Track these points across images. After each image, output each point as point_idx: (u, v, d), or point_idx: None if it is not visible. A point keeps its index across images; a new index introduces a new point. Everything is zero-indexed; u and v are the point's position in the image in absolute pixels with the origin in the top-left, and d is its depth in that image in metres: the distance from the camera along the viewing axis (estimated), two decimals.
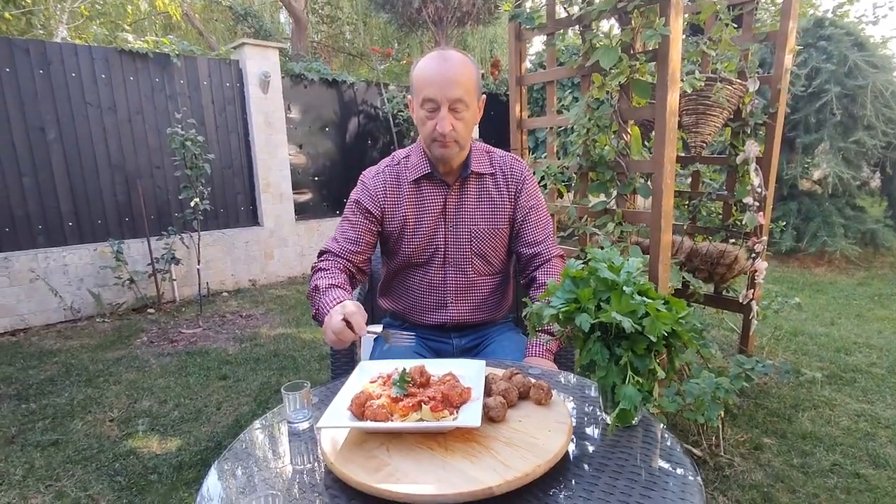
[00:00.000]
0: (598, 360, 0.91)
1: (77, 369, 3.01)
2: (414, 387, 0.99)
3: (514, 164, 1.52)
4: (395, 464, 0.84)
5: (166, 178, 4.47)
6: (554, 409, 0.97)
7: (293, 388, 1.05)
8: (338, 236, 1.47)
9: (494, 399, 0.93)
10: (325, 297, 1.28)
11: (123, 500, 1.87)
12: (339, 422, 0.92)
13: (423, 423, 0.89)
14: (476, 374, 1.03)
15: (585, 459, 0.89)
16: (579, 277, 0.98)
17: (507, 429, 0.91)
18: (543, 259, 1.50)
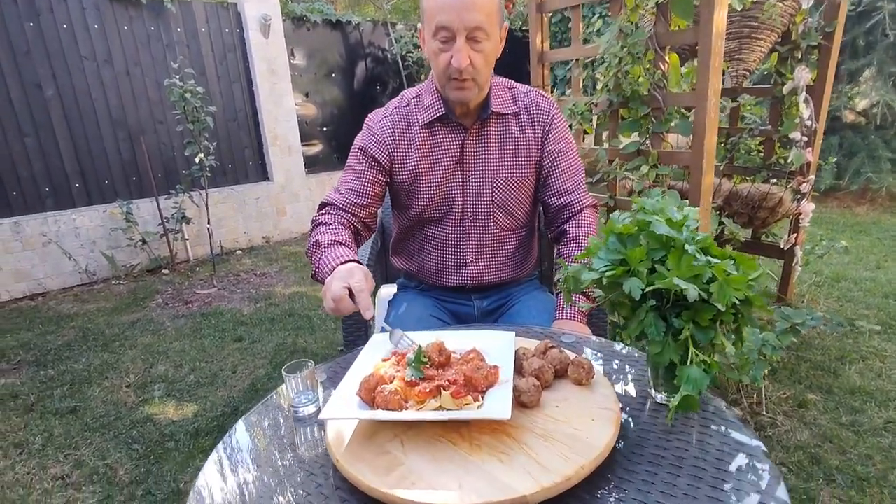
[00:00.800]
0: (652, 333, 0.75)
1: (94, 334, 2.98)
2: (432, 368, 0.86)
3: (540, 100, 1.31)
4: (409, 463, 0.71)
5: (170, 133, 4.30)
6: (597, 390, 0.82)
7: (294, 368, 0.92)
8: (341, 187, 1.31)
9: (527, 381, 0.79)
10: (326, 255, 1.13)
11: (141, 468, 1.84)
12: (345, 411, 0.79)
13: (443, 414, 0.76)
14: (504, 350, 0.89)
15: (636, 450, 0.75)
16: (627, 234, 0.80)
17: (542, 417, 0.77)
18: (574, 210, 1.32)
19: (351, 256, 1.12)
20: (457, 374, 0.82)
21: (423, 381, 0.83)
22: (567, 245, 1.30)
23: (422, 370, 0.85)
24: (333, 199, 1.29)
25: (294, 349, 2.64)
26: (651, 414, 0.84)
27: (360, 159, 1.30)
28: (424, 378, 0.83)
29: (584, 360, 0.84)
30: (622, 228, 0.80)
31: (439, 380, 0.82)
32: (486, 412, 0.74)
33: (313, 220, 1.28)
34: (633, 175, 1.94)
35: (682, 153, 1.91)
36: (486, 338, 0.95)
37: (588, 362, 0.84)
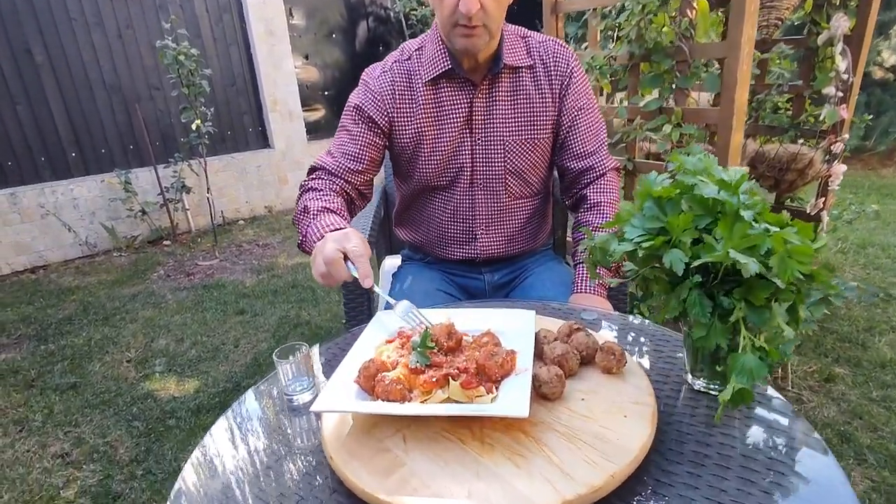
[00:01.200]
0: (697, 314, 0.64)
1: (94, 307, 2.92)
2: (440, 353, 0.75)
3: (559, 51, 1.17)
4: (412, 464, 0.62)
5: (167, 99, 4.15)
6: (629, 380, 0.72)
7: (287, 352, 0.83)
8: (333, 150, 1.17)
9: (548, 370, 0.69)
10: (316, 223, 1.01)
11: (142, 446, 1.79)
12: (339, 403, 0.70)
13: (450, 408, 0.66)
14: (523, 332, 0.78)
15: (674, 447, 0.65)
16: (666, 198, 0.68)
17: (566, 412, 0.67)
18: (596, 174, 1.20)
19: (343, 225, 0.99)
20: (468, 360, 0.72)
21: (429, 369, 0.73)
22: (588, 212, 1.18)
23: (428, 356, 0.75)
24: (325, 163, 1.16)
25: (297, 322, 2.57)
26: (688, 403, 0.74)
27: (355, 119, 1.16)
28: (431, 365, 0.73)
29: (615, 346, 0.73)
30: (661, 191, 0.68)
31: (448, 367, 0.72)
32: (500, 408, 0.64)
33: (302, 185, 1.15)
34: (656, 135, 1.79)
35: (708, 111, 1.76)
36: (502, 317, 0.85)
37: (619, 348, 0.73)
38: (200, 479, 0.68)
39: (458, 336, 0.77)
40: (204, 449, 0.74)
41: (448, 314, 0.87)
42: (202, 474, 0.69)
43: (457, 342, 0.77)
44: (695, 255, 0.64)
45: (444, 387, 0.69)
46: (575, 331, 0.78)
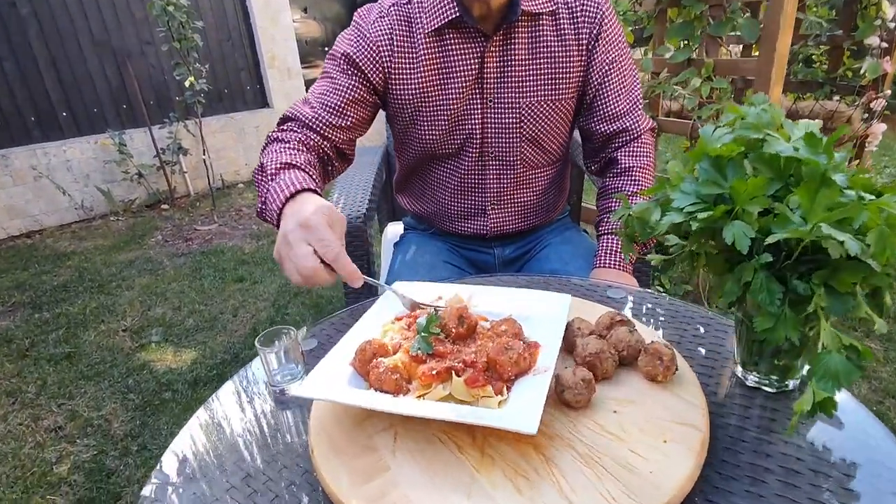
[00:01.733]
0: (764, 301, 0.52)
1: (90, 273, 2.83)
2: (446, 341, 0.64)
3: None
4: (397, 469, 0.52)
5: (159, 55, 3.95)
6: (678, 392, 0.59)
7: (271, 338, 0.72)
8: (313, 100, 0.99)
9: (575, 372, 0.57)
10: (274, 185, 0.80)
11: (137, 420, 1.72)
12: (324, 389, 0.59)
13: (445, 410, 0.54)
14: (553, 319, 0.66)
15: (728, 458, 0.55)
16: (727, 157, 0.55)
17: (592, 426, 0.55)
18: (630, 136, 1.05)
19: (303, 184, 0.79)
20: (478, 352, 0.61)
21: (431, 358, 0.62)
22: (618, 178, 1.05)
23: (432, 343, 0.64)
24: (300, 113, 0.97)
25: (298, 290, 2.47)
26: (740, 402, 0.63)
27: (343, 69, 0.99)
28: (434, 354, 0.62)
29: (664, 347, 0.60)
30: (721, 150, 0.55)
31: (453, 359, 0.61)
32: (503, 417, 0.52)
33: (268, 137, 0.97)
34: (684, 90, 1.63)
35: (744, 62, 1.59)
36: (530, 300, 0.72)
37: (670, 351, 0.60)
38: (176, 470, 0.59)
39: (471, 321, 0.65)
40: (176, 450, 0.64)
41: (469, 292, 0.75)
42: (183, 460, 0.60)
43: (469, 328, 0.65)
44: (763, 229, 0.52)
45: (447, 381, 0.58)
46: (616, 323, 0.65)
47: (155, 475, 0.60)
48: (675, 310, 0.82)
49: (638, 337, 0.63)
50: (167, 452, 0.64)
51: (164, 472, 0.61)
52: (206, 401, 0.74)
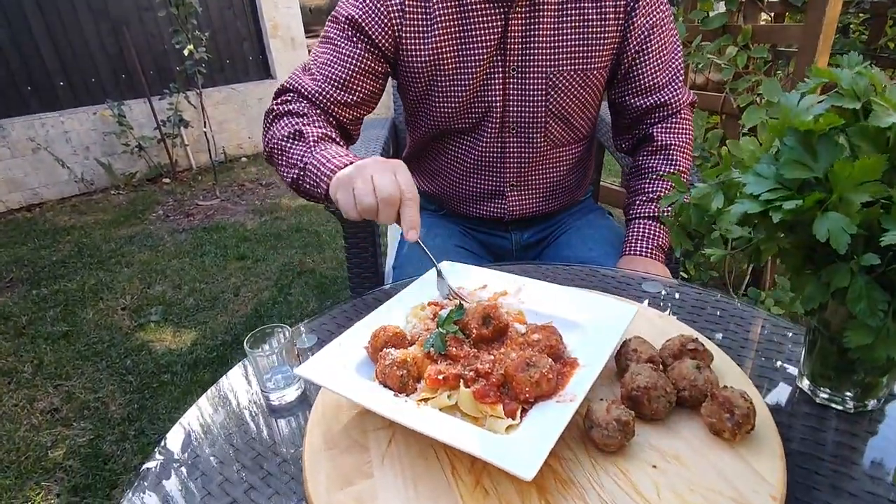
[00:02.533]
0: (862, 312, 0.42)
1: (90, 249, 2.76)
2: (466, 342, 0.55)
3: None
4: (382, 477, 0.47)
5: (158, 23, 3.80)
6: (747, 456, 0.45)
7: (262, 338, 0.63)
8: (315, 70, 0.89)
9: (608, 409, 0.46)
10: (319, 153, 0.77)
11: (134, 404, 1.66)
12: (324, 372, 0.54)
13: (429, 426, 0.46)
14: (605, 332, 0.55)
15: (801, 497, 0.46)
16: (819, 133, 0.45)
17: (619, 477, 0.44)
18: (669, 111, 0.94)
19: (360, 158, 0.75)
20: (497, 363, 0.52)
21: (445, 360, 0.54)
22: (653, 156, 0.94)
23: (446, 342, 0.55)
24: (303, 86, 0.88)
25: (301, 269, 2.39)
26: (808, 423, 0.53)
27: (348, 35, 0.87)
28: (448, 356, 0.54)
29: (741, 398, 0.46)
30: (811, 124, 0.44)
31: (466, 365, 0.52)
32: (496, 452, 0.42)
33: (272, 111, 0.88)
34: (720, 59, 1.50)
35: (788, 28, 1.45)
36: (587, 305, 0.61)
37: (747, 405, 0.46)
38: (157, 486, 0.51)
39: (499, 323, 0.56)
40: (155, 464, 0.56)
41: (518, 284, 0.66)
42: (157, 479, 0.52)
43: (495, 331, 0.56)
44: (865, 223, 0.42)
45: (455, 390, 0.50)
46: (687, 352, 0.53)
47: (158, 452, 0.52)
48: (723, 307, 0.72)
49: (708, 376, 0.50)
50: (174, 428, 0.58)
51: (168, 448, 0.53)
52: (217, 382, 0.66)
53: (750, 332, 0.68)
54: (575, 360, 0.52)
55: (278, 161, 0.84)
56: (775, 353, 0.63)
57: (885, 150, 0.43)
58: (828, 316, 0.51)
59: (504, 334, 0.56)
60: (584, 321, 0.58)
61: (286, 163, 0.82)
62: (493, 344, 0.56)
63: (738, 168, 0.50)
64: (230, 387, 0.66)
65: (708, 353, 0.54)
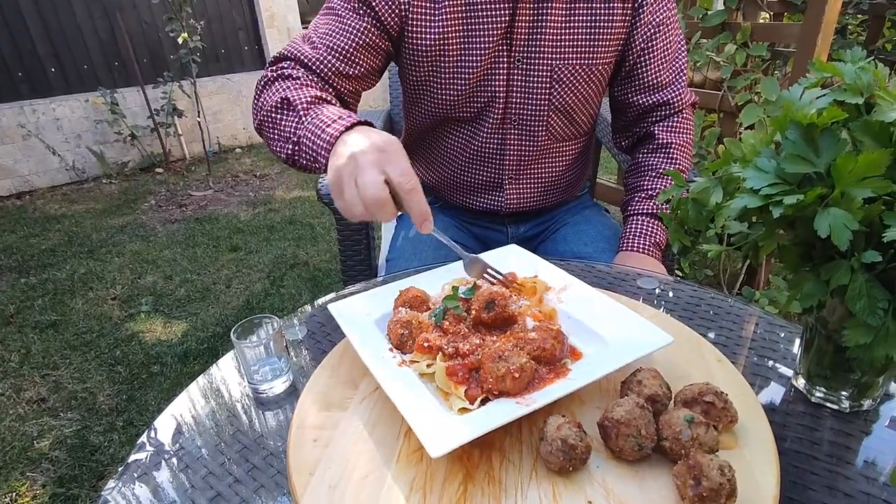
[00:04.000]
0: (861, 310, 0.42)
1: (80, 238, 2.73)
2: (465, 322, 0.57)
3: None
4: (353, 414, 0.52)
5: (152, 10, 3.75)
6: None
7: (250, 329, 0.62)
8: (315, 39, 0.85)
9: (559, 427, 0.43)
10: (312, 118, 0.71)
11: (123, 395, 1.64)
12: (348, 312, 0.62)
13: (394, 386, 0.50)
14: (621, 355, 0.51)
15: (797, 497, 0.45)
16: (822, 127, 0.44)
17: (545, 497, 0.42)
18: (671, 110, 0.93)
19: (356, 118, 0.69)
20: (479, 348, 0.52)
21: (437, 330, 0.57)
22: (653, 154, 0.93)
23: (444, 314, 0.58)
24: (302, 53, 0.83)
25: (294, 262, 2.37)
26: (803, 422, 0.53)
27: (353, 7, 0.84)
28: (441, 328, 0.57)
29: (716, 471, 0.39)
30: (814, 117, 0.43)
31: (450, 341, 0.53)
32: (421, 423, 0.45)
33: (264, 77, 0.83)
34: (718, 57, 1.49)
35: (786, 27, 1.44)
36: (621, 319, 0.57)
37: (721, 480, 0.38)
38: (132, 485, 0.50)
39: (504, 312, 0.56)
40: (149, 442, 0.55)
41: (566, 282, 0.65)
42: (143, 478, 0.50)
43: (497, 318, 0.56)
44: (867, 220, 0.41)
45: (435, 359, 0.53)
46: (700, 402, 0.46)
47: (145, 442, 0.51)
48: (718, 305, 0.72)
49: (699, 434, 0.42)
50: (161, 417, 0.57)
51: (154, 439, 0.51)
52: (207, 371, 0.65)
53: (744, 329, 0.67)
54: (566, 368, 0.50)
55: (269, 135, 0.80)
56: (770, 351, 0.63)
57: (889, 145, 0.43)
58: (825, 314, 0.50)
59: (509, 324, 0.57)
60: (609, 335, 0.56)
61: (278, 136, 0.78)
62: (494, 330, 0.57)
63: (738, 163, 0.49)
64: (221, 377, 0.65)
65: (729, 413, 0.46)
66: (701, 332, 0.64)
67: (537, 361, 0.50)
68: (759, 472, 0.43)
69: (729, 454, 0.45)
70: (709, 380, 0.49)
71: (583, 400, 0.52)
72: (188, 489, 0.49)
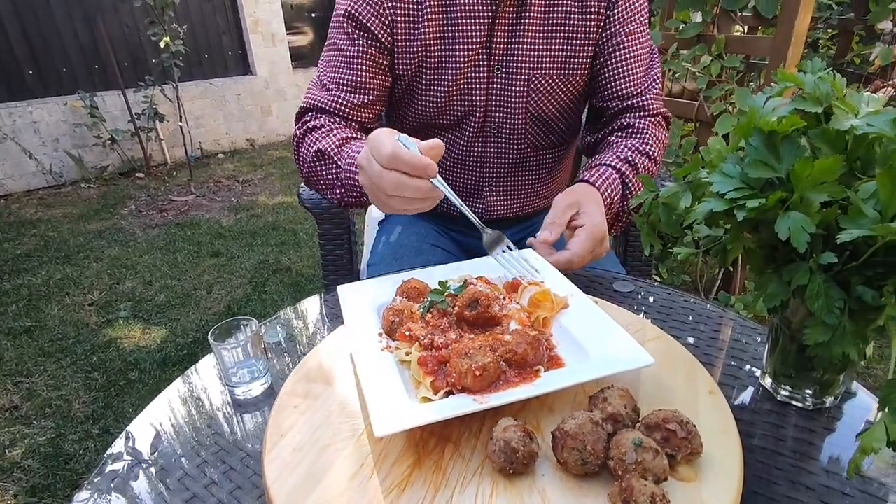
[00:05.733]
0: (820, 310, 0.43)
1: (56, 243, 2.68)
2: (448, 317, 0.59)
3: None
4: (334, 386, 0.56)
5: (134, 14, 3.72)
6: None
7: (227, 331, 0.62)
8: (326, 80, 0.89)
9: (507, 429, 0.44)
10: (346, 158, 0.80)
11: (100, 402, 1.61)
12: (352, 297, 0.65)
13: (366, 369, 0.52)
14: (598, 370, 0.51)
15: (762, 492, 0.46)
16: (783, 134, 0.46)
17: (482, 496, 0.43)
18: (646, 112, 0.94)
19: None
20: (453, 343, 0.54)
21: (420, 320, 0.59)
22: (627, 136, 0.91)
23: (428, 307, 0.60)
24: (318, 101, 0.89)
25: (277, 268, 2.36)
26: (770, 420, 0.55)
27: (349, 34, 0.87)
28: (426, 320, 0.59)
29: (646, 499, 0.39)
30: (775, 125, 0.46)
31: (428, 333, 0.56)
32: (376, 406, 0.46)
33: (296, 136, 0.90)
34: (694, 67, 1.53)
35: (758, 39, 1.49)
36: (608, 335, 0.57)
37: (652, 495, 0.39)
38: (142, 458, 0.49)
39: (485, 311, 0.58)
40: (125, 447, 0.54)
41: (569, 290, 0.64)
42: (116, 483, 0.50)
43: (479, 317, 0.58)
44: (824, 223, 0.43)
45: (411, 348, 0.55)
46: (666, 431, 0.44)
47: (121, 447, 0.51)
48: (690, 307, 0.74)
49: (643, 458, 0.42)
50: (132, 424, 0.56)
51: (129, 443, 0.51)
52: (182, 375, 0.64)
53: (716, 329, 0.69)
54: (535, 374, 0.51)
55: (318, 186, 0.87)
56: (740, 352, 0.65)
57: (844, 152, 0.45)
58: (789, 315, 0.52)
59: (491, 324, 0.58)
60: (594, 349, 0.56)
61: (325, 185, 0.85)
62: (476, 329, 0.58)
63: (705, 168, 0.51)
64: (200, 381, 0.65)
65: (692, 444, 0.44)
66: (675, 334, 0.65)
67: (508, 364, 0.51)
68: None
69: (684, 486, 0.43)
70: (692, 408, 0.50)
71: (552, 409, 0.52)
72: (163, 492, 0.49)
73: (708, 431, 0.46)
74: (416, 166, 0.60)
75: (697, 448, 0.44)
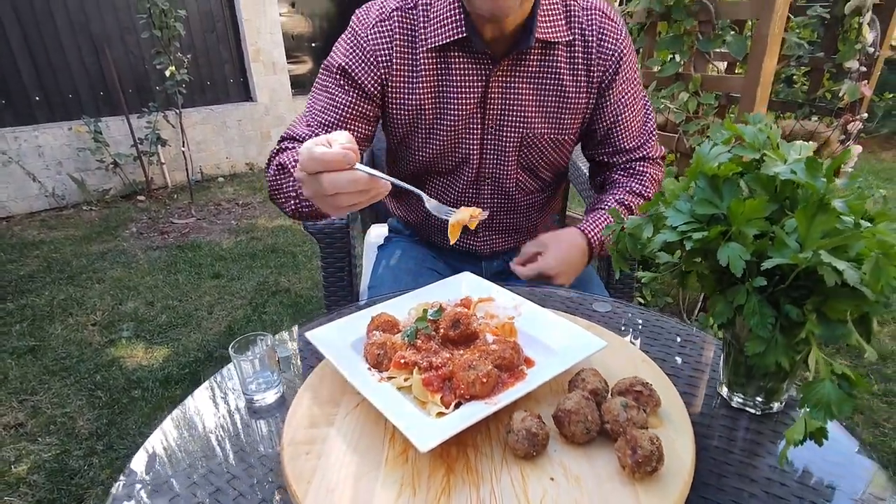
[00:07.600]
0: (755, 325, 0.52)
1: (59, 264, 2.74)
2: (435, 339, 0.66)
3: (607, 27, 0.93)
4: (337, 431, 0.58)
5: (140, 43, 3.85)
6: (642, 495, 0.49)
7: (245, 345, 0.69)
8: (310, 118, 0.94)
9: (523, 419, 0.53)
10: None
11: (103, 419, 1.66)
12: (325, 339, 0.67)
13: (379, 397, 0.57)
14: (566, 359, 0.63)
15: (712, 483, 0.54)
16: (723, 178, 0.55)
17: (516, 480, 0.51)
18: (646, 159, 1.04)
19: None
20: (451, 361, 0.61)
21: (411, 348, 0.65)
22: (628, 178, 1.03)
23: (417, 335, 0.67)
24: (297, 132, 0.93)
25: (276, 289, 2.42)
26: (725, 423, 0.62)
27: (339, 83, 0.92)
28: (415, 347, 0.65)
29: (648, 441, 0.49)
30: (718, 169, 0.55)
31: (424, 356, 0.62)
32: (408, 424, 0.52)
33: (272, 155, 0.93)
34: (671, 104, 1.64)
35: (731, 79, 1.61)
36: (566, 332, 0.68)
37: (651, 448, 0.49)
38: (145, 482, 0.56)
39: (467, 329, 0.65)
40: (150, 449, 0.61)
41: (517, 302, 0.76)
42: (149, 474, 0.57)
43: (462, 336, 0.65)
44: (758, 252, 0.51)
45: (411, 374, 0.61)
46: (633, 392, 0.57)
47: (126, 474, 0.57)
48: (661, 326, 0.82)
49: (633, 416, 0.53)
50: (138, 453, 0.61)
51: (134, 470, 0.58)
52: (182, 401, 0.71)
53: (684, 346, 0.77)
54: (523, 373, 0.60)
55: (278, 199, 0.90)
56: (703, 363, 0.73)
57: (773, 193, 0.54)
58: (737, 330, 0.60)
59: (472, 339, 0.65)
60: (555, 344, 0.66)
61: (284, 198, 0.89)
62: (460, 345, 0.65)
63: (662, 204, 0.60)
64: (202, 403, 0.72)
65: (654, 398, 0.58)
66: (643, 348, 0.74)
67: (499, 369, 0.59)
68: (678, 444, 0.55)
69: (656, 431, 0.55)
70: (634, 373, 0.61)
71: (537, 399, 0.61)
72: (189, 484, 0.56)
73: (657, 388, 0.59)
74: (333, 160, 0.60)
75: (658, 401, 0.58)
